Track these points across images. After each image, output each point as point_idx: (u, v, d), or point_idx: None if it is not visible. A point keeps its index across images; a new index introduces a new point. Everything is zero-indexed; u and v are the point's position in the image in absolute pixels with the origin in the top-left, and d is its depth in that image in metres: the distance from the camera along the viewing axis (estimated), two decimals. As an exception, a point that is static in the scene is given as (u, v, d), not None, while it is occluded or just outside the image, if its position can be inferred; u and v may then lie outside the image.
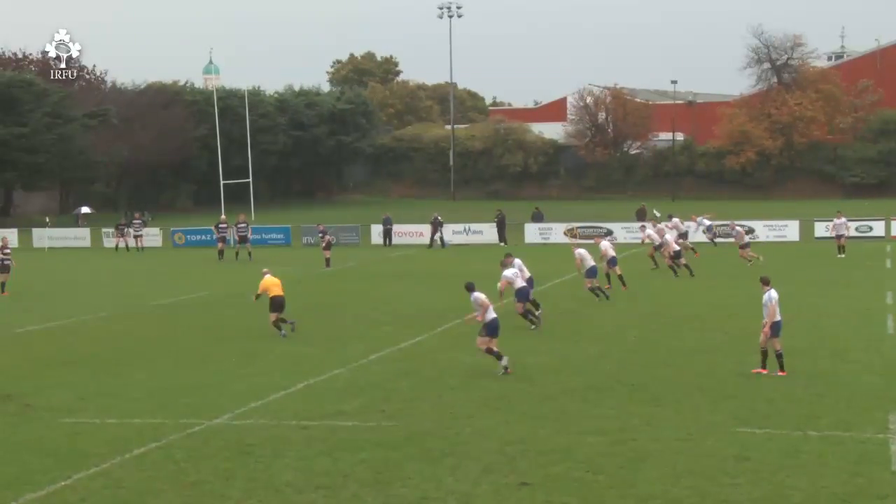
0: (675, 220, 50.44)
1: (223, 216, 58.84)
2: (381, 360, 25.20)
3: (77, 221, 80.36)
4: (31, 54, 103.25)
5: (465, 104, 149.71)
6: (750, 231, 58.51)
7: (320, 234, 51.57)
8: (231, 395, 21.50)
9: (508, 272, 28.98)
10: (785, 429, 18.10)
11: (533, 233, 61.59)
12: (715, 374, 22.49)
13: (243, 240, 54.10)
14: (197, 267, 50.55)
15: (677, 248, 42.03)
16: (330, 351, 26.39)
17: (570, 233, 57.58)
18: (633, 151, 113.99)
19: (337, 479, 15.83)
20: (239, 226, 54.67)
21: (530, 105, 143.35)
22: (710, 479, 15.54)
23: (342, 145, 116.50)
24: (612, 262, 36.57)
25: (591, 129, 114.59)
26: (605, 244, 37.26)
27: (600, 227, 60.37)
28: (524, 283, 29.18)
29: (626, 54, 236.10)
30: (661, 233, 44.54)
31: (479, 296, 23.41)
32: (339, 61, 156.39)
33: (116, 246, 61.80)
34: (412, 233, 62.50)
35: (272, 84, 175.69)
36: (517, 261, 31.00)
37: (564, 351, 25.87)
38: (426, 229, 61.43)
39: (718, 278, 40.28)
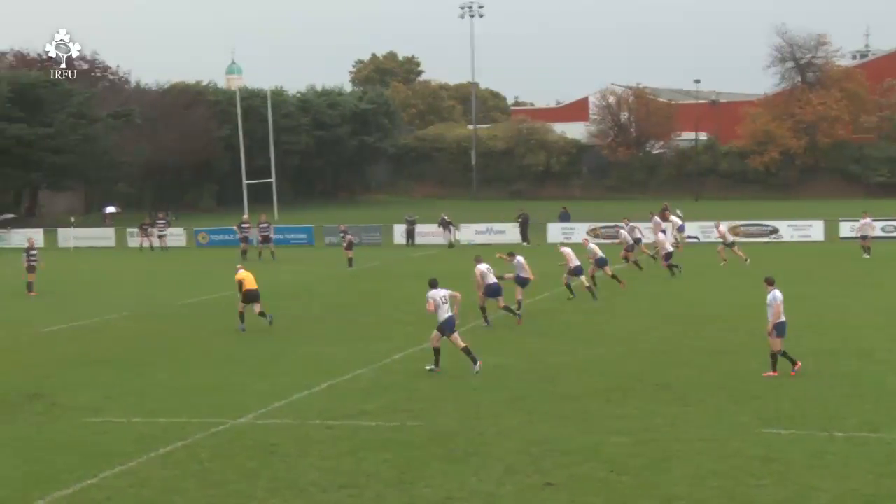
0: (657, 218, 50.71)
1: (245, 216, 59.07)
2: (405, 359, 25.21)
3: (104, 221, 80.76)
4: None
5: (487, 104, 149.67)
6: (774, 231, 58.35)
7: (342, 234, 51.76)
8: (255, 394, 21.56)
9: (482, 266, 30.05)
10: (811, 430, 18.02)
11: (556, 232, 61.48)
12: (739, 375, 22.41)
13: (266, 240, 54.32)
14: (220, 267, 50.59)
15: (670, 248, 42.04)
16: (353, 351, 26.42)
17: (593, 232, 57.50)
18: (655, 151, 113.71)
19: (361, 479, 15.86)
20: (261, 226, 54.94)
21: (553, 105, 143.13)
22: (735, 479, 15.49)
23: (365, 145, 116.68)
24: (601, 262, 36.76)
25: (613, 128, 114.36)
26: (592, 245, 37.63)
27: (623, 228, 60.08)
28: (494, 280, 30.00)
29: (648, 54, 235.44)
30: (633, 232, 45.86)
31: (432, 294, 23.57)
32: (361, 61, 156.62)
33: (141, 246, 62.08)
34: (435, 233, 62.50)
35: (294, 84, 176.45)
36: (519, 258, 32.14)
37: (588, 351, 25.83)
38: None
39: (742, 278, 40.09)
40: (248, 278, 30.65)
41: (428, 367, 23.61)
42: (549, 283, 37.58)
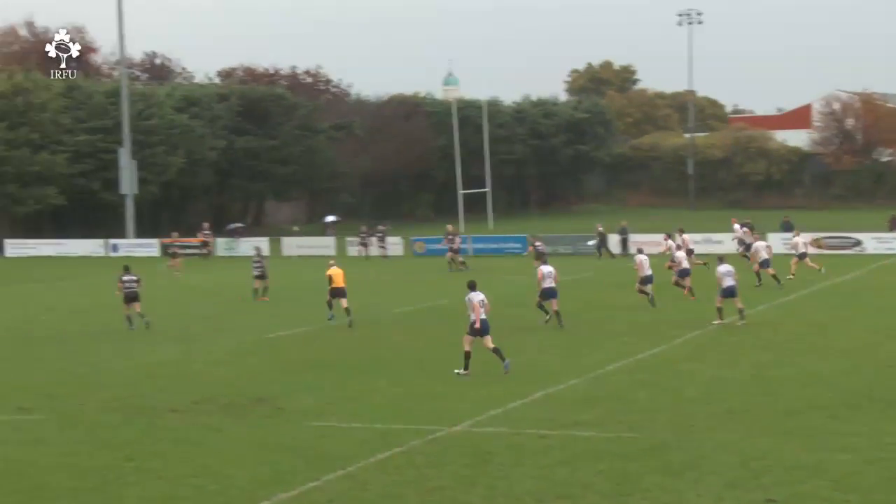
0: (744, 228, 50.84)
1: (450, 226, 59.72)
2: (619, 370, 24.98)
3: (325, 230, 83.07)
4: (281, 69, 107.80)
5: (704, 112, 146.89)
6: None
7: (533, 246, 51.90)
8: (470, 402, 21.74)
9: (545, 268, 31.55)
10: None
11: (777, 242, 59.78)
12: (976, 393, 21.26)
13: (454, 250, 54.78)
14: (436, 275, 51.38)
15: (766, 256, 40.87)
16: (567, 360, 26.36)
17: (816, 243, 55.80)
18: (884, 159, 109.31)
19: (576, 490, 15.78)
20: (448, 237, 55.63)
21: (773, 112, 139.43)
22: (971, 503, 14.71)
23: (580, 154, 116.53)
24: (684, 273, 37.65)
25: (838, 136, 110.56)
26: (679, 254, 38.89)
27: (848, 238, 58.09)
28: (552, 284, 31.41)
29: (877, 59, 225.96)
30: (684, 244, 45.06)
31: (471, 297, 24.43)
32: (576, 71, 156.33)
33: (360, 255, 63.53)
34: (650, 242, 61.64)
35: (510, 94, 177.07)
36: (721, 267, 31.51)
37: (811, 365, 25.00)
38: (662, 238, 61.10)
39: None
40: (336, 275, 33.62)
41: (457, 371, 24.25)
42: (768, 295, 36.66)
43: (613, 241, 62.29)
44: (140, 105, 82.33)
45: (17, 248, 72.19)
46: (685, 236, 48.24)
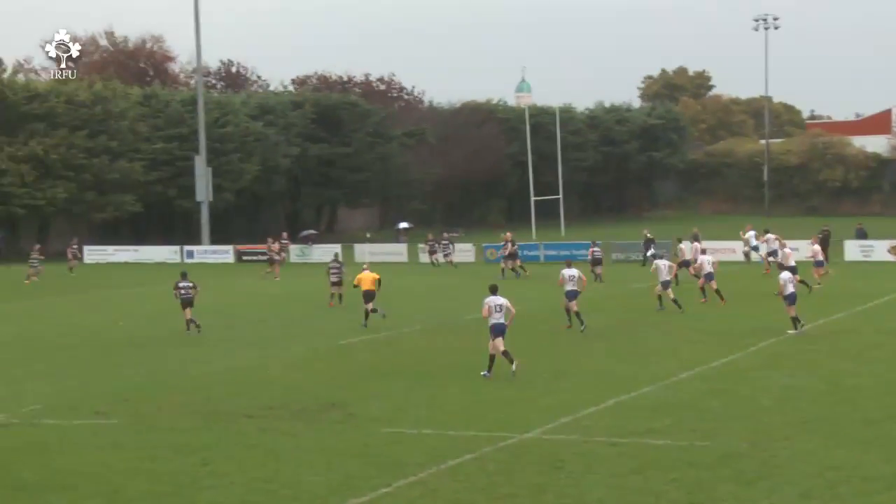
0: (770, 236, 49.72)
1: (506, 234, 59.71)
2: (693, 378, 24.78)
3: (397, 237, 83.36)
4: (355, 77, 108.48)
5: (780, 118, 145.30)
6: None
7: (592, 250, 51.87)
8: (541, 409, 21.70)
9: (566, 272, 32.07)
10: None
11: (853, 250, 58.99)
12: None
13: (511, 257, 54.71)
14: (507, 282, 51.26)
15: (793, 263, 39.89)
16: (640, 368, 26.20)
17: (895, 250, 54.97)
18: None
19: (648, 498, 15.68)
20: (505, 244, 55.69)
21: (851, 118, 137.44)
22: None
23: (653, 161, 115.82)
24: (709, 276, 38.15)
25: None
26: (703, 258, 39.32)
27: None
28: (573, 287, 32.03)
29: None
30: (695, 251, 44.13)
31: (488, 300, 25.36)
32: (650, 77, 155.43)
33: (432, 262, 63.66)
34: (723, 249, 61.03)
35: (582, 101, 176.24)
36: (784, 274, 31.24)
37: (890, 373, 24.60)
38: (738, 246, 60.24)
39: None
40: (365, 279, 34.61)
41: (512, 372, 24.70)
42: (845, 303, 36.14)
43: (685, 248, 61.66)
44: (216, 113, 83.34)
45: (95, 253, 73.43)
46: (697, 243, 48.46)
